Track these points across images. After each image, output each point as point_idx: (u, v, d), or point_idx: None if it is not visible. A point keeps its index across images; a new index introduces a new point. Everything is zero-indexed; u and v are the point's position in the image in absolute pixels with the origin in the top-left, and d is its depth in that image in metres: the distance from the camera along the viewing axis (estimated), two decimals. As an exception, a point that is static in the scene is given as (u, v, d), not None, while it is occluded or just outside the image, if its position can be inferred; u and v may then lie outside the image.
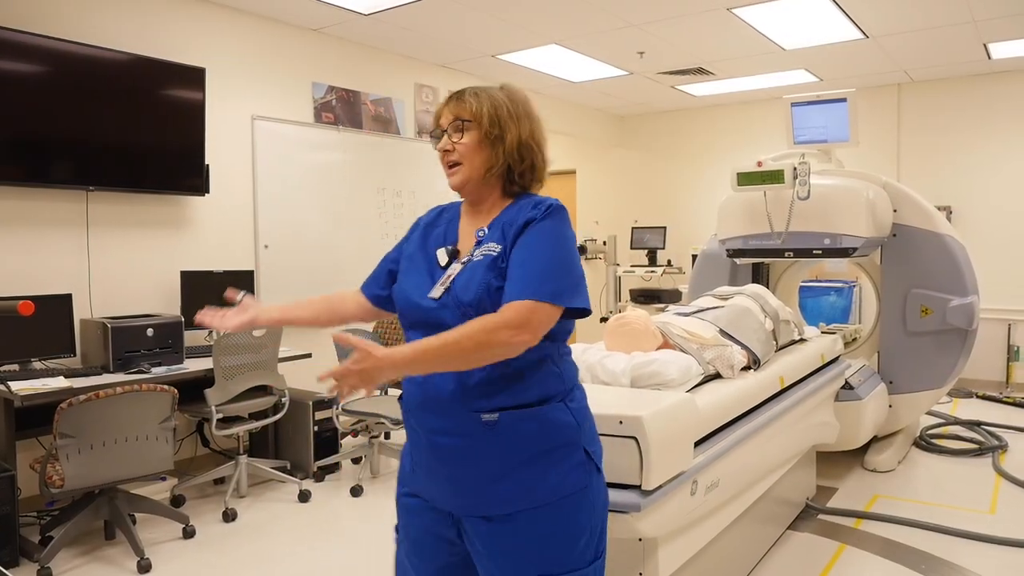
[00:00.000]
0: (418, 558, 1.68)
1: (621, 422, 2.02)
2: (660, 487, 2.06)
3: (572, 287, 1.50)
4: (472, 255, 1.57)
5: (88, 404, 3.12)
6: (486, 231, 1.59)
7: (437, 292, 1.55)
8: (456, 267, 1.57)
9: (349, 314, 1.80)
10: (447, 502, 1.58)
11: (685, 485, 2.18)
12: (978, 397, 6.38)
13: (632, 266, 7.77)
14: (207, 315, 1.72)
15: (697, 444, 2.32)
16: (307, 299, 1.82)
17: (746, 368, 2.96)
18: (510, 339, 1.41)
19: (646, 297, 7.36)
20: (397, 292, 1.65)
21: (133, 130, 4.21)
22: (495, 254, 1.53)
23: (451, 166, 1.61)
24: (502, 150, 1.58)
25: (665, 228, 7.85)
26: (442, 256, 1.62)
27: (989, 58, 6.12)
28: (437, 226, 1.71)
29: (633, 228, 8.07)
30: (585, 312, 1.53)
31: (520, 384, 1.51)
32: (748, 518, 2.96)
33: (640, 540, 2.18)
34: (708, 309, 3.33)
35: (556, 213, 1.54)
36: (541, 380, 1.53)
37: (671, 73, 6.65)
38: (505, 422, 1.49)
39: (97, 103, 4.04)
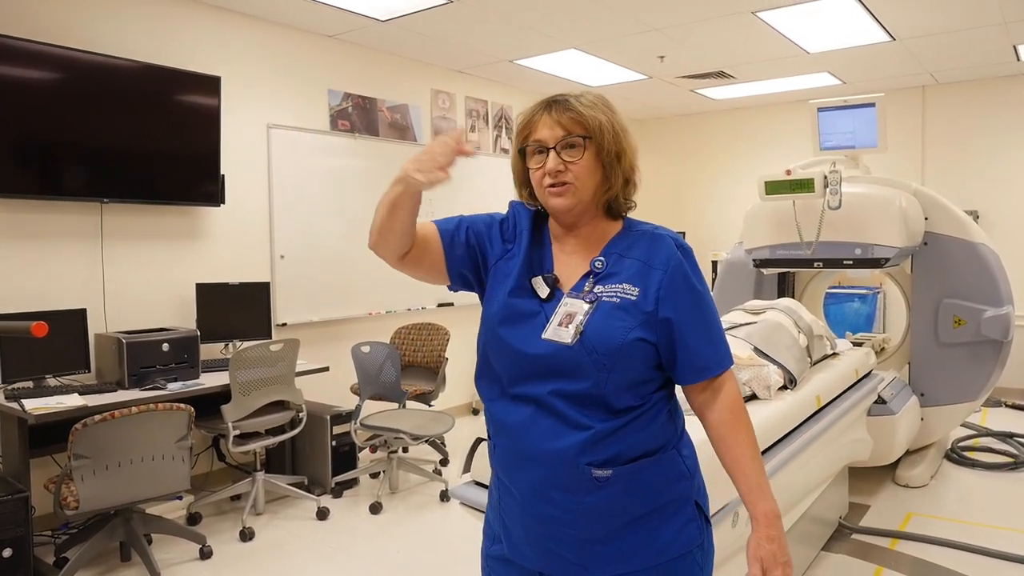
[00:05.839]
0: None
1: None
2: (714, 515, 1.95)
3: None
4: (595, 291, 1.38)
5: (103, 424, 3.04)
6: (604, 261, 1.41)
7: (567, 336, 1.34)
8: (580, 304, 1.37)
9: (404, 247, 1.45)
10: (540, 563, 1.42)
11: (727, 517, 2.07)
12: (1007, 406, 6.24)
13: (651, 272, 7.63)
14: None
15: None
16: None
17: (782, 388, 2.85)
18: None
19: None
20: (490, 328, 1.44)
21: (148, 140, 4.14)
22: (634, 298, 1.36)
23: (560, 186, 1.38)
24: (619, 172, 1.39)
25: (683, 233, 7.73)
26: (541, 286, 1.42)
27: (1018, 60, 5.98)
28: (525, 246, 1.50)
29: (651, 233, 7.94)
30: None
31: (635, 434, 1.35)
32: (784, 542, 2.84)
33: None
34: (740, 325, 3.22)
35: (693, 253, 1.44)
36: (655, 428, 1.38)
37: (691, 77, 6.54)
38: (618, 478, 1.34)
39: (112, 113, 3.98)
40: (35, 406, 3.24)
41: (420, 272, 1.49)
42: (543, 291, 1.42)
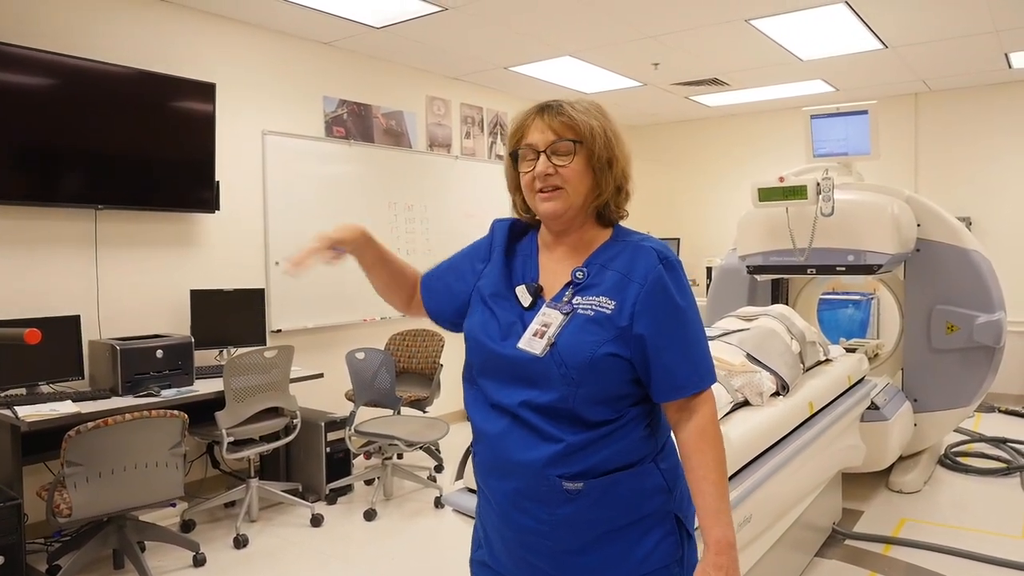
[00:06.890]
0: None
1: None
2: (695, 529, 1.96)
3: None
4: (572, 302, 1.37)
5: (96, 431, 3.03)
6: (585, 271, 1.40)
7: (538, 347, 1.35)
8: (555, 315, 1.37)
9: (402, 299, 1.67)
10: (516, 572, 1.43)
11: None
12: (1000, 412, 6.26)
13: (645, 278, 7.65)
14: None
15: (730, 478, 2.22)
16: (391, 265, 1.65)
17: (775, 394, 2.86)
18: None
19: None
20: (469, 332, 1.47)
21: (143, 147, 4.14)
22: (608, 312, 1.34)
23: (550, 190, 1.38)
24: (610, 177, 1.38)
25: (679, 239, 7.76)
26: (524, 295, 1.42)
27: (1010, 67, 6.02)
28: (514, 256, 1.51)
29: (646, 240, 7.96)
30: None
31: (608, 447, 1.34)
32: (776, 548, 2.85)
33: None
34: (733, 331, 3.24)
35: (679, 267, 1.39)
36: (631, 442, 1.36)
37: (686, 84, 6.57)
38: (590, 491, 1.33)
39: (107, 120, 3.98)
40: (28, 413, 3.23)
41: (422, 317, 1.65)
42: (526, 300, 1.42)
